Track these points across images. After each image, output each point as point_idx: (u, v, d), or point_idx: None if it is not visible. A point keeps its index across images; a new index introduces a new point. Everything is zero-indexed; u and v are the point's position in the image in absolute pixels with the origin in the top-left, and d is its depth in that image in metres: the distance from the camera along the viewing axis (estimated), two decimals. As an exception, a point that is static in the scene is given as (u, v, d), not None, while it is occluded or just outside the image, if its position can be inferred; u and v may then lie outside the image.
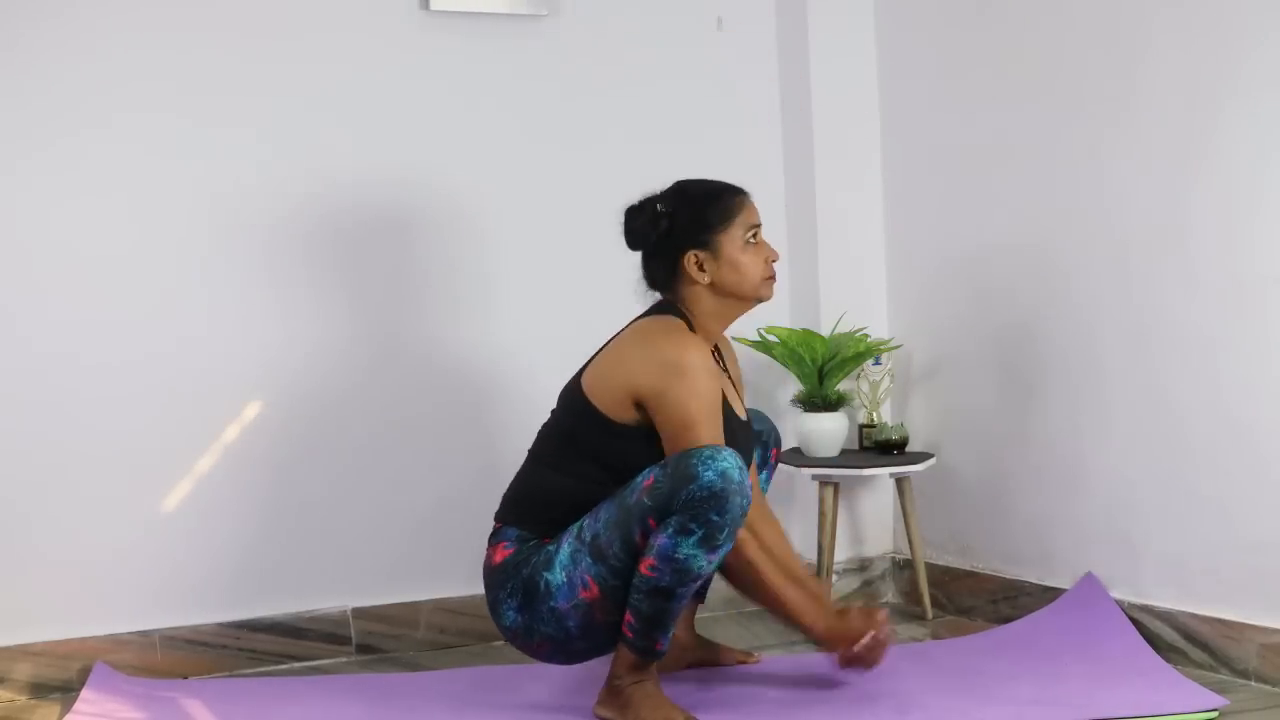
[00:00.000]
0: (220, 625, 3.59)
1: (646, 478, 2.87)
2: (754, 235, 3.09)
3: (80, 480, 3.49)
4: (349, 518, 3.74)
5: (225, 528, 3.62)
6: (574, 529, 2.96)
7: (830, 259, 4.12)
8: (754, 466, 3.33)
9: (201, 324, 3.61)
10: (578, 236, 3.93)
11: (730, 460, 2.82)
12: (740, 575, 3.03)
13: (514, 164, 3.89)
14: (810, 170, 4.12)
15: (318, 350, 3.71)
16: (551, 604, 2.94)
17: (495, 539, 3.08)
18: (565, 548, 2.95)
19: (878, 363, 4.02)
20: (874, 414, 4.03)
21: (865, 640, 3.06)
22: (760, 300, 3.13)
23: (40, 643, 3.43)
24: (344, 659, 3.69)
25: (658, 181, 3.17)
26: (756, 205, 3.13)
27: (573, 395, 3.07)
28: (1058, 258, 3.65)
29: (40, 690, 3.43)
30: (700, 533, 2.80)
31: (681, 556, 2.81)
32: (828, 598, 3.17)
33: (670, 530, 2.81)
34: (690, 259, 3.07)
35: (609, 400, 3.00)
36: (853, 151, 4.15)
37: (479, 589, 3.64)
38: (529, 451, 3.15)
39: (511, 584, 2.99)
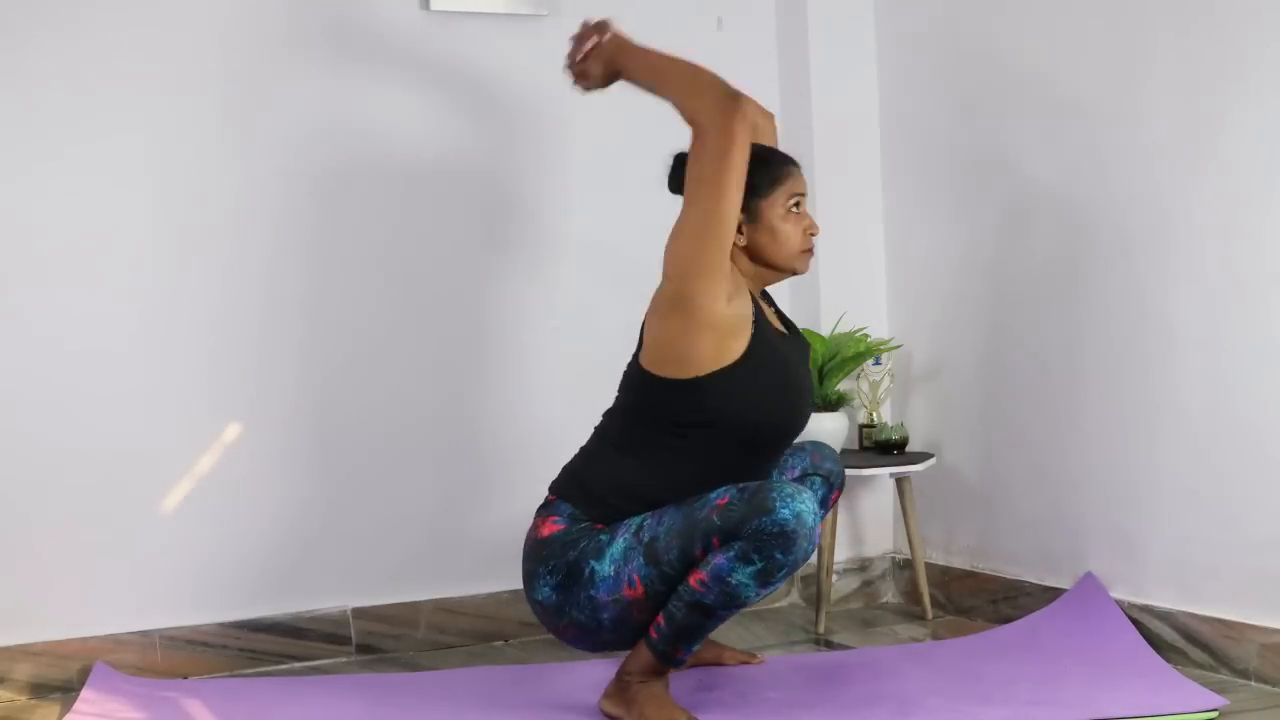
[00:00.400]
0: (220, 625, 3.59)
1: (721, 496, 2.85)
2: (797, 204, 3.07)
3: (80, 480, 3.49)
4: (349, 518, 3.73)
5: (225, 528, 3.62)
6: (632, 524, 2.94)
7: (830, 259, 4.11)
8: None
9: (202, 324, 3.60)
10: (578, 236, 3.93)
11: (808, 505, 2.79)
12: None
13: (514, 163, 3.89)
14: (810, 170, 4.09)
15: (318, 350, 3.71)
16: (591, 592, 2.92)
17: (546, 511, 3.05)
18: (620, 542, 2.92)
19: (878, 363, 4.02)
20: (874, 414, 4.03)
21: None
22: (795, 272, 3.11)
23: (40, 643, 3.43)
24: (344, 659, 3.69)
25: (657, 180, 3.17)
26: (805, 176, 3.12)
27: (632, 374, 3.07)
28: (1058, 257, 3.65)
29: (40, 690, 3.43)
30: (760, 565, 2.79)
31: (734, 582, 2.80)
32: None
33: (732, 554, 2.79)
34: None
35: (664, 362, 2.98)
36: (853, 151, 4.15)
37: (479, 589, 3.66)
38: (595, 429, 3.13)
39: (554, 562, 2.96)
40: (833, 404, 3.90)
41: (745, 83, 4.11)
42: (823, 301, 4.09)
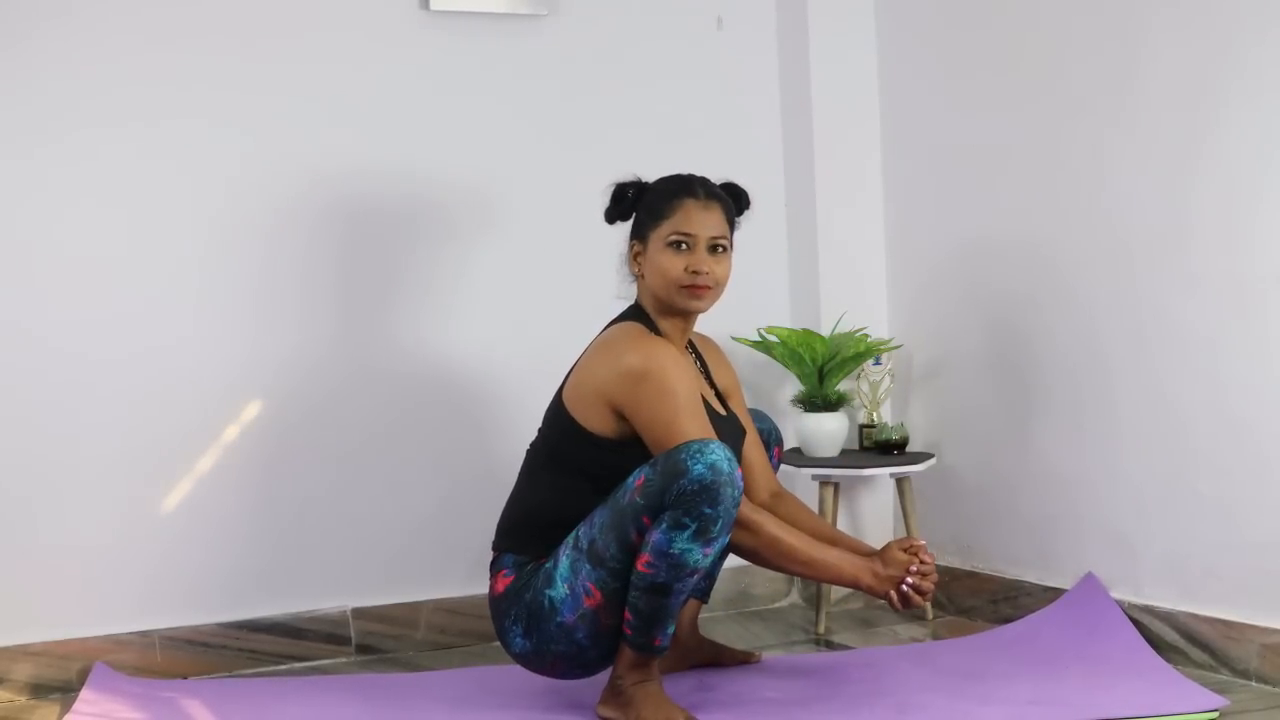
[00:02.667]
0: (220, 625, 3.59)
1: (637, 477, 2.87)
2: (682, 242, 3.02)
3: (80, 480, 3.49)
4: (349, 518, 3.74)
5: (225, 528, 3.62)
6: (569, 540, 2.96)
7: (830, 259, 4.12)
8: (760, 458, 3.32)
9: (201, 324, 3.61)
10: (577, 237, 3.92)
11: (719, 452, 2.81)
12: (768, 554, 3.01)
13: (514, 164, 3.89)
14: (810, 170, 4.12)
15: (317, 350, 3.71)
16: (558, 620, 2.94)
17: (495, 568, 3.08)
18: (564, 560, 2.94)
19: (878, 363, 4.01)
20: (874, 414, 4.03)
21: (912, 570, 3.01)
22: (678, 307, 3.05)
23: (40, 643, 3.43)
24: (344, 659, 3.69)
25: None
26: (711, 218, 3.04)
27: (556, 411, 3.07)
28: (1058, 258, 3.65)
29: (40, 690, 3.43)
30: (694, 526, 2.80)
31: (676, 551, 2.81)
32: (864, 545, 3.15)
33: (664, 526, 2.80)
34: (633, 247, 3.11)
35: (588, 414, 3.00)
36: (853, 151, 4.15)
37: (479, 589, 3.64)
38: (519, 474, 3.14)
39: (515, 610, 2.99)
40: (833, 404, 3.90)
41: (745, 83, 4.16)
42: (823, 301, 4.09)
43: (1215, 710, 2.95)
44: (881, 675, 3.25)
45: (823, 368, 3.89)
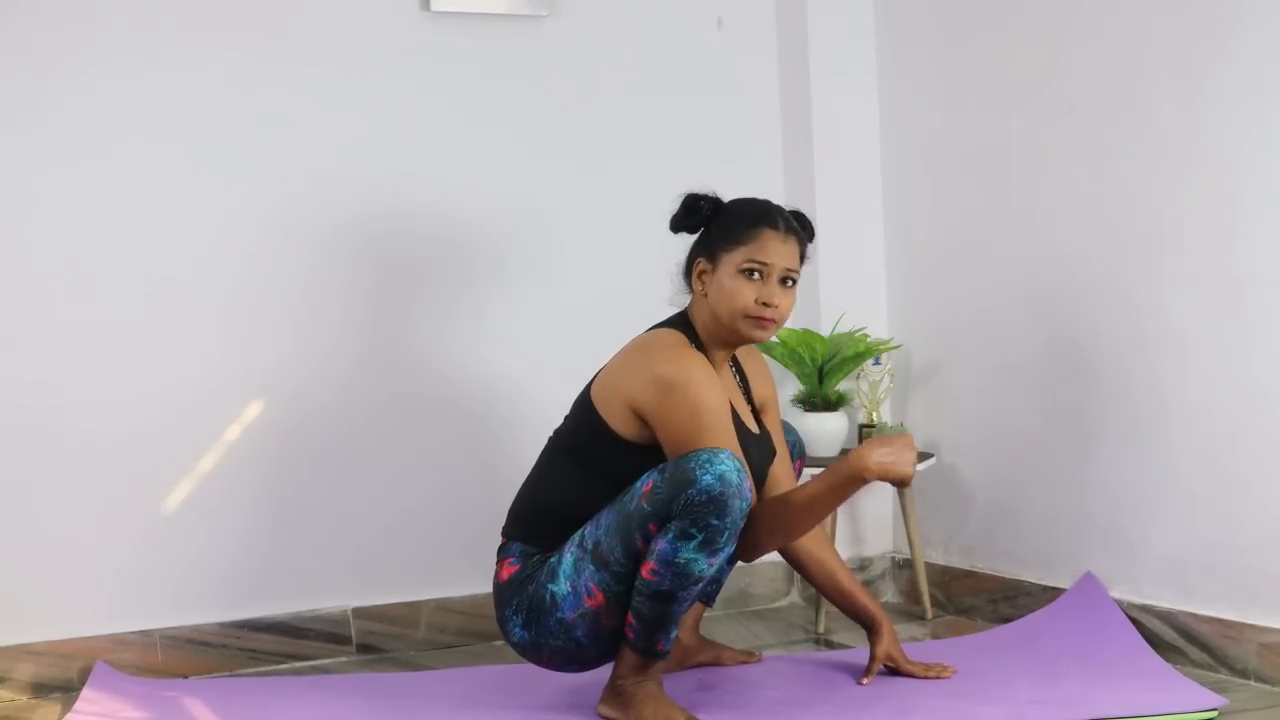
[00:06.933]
0: (221, 625, 3.60)
1: (645, 483, 2.86)
2: (755, 271, 2.99)
3: (81, 480, 3.50)
4: (349, 518, 3.74)
5: (226, 528, 3.63)
6: (575, 538, 2.95)
7: (830, 259, 4.12)
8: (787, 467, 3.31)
9: (203, 324, 3.61)
10: (578, 236, 3.93)
11: (728, 463, 2.79)
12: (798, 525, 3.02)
13: (514, 164, 3.89)
14: (810, 170, 4.12)
15: (318, 351, 3.71)
16: (559, 615, 2.94)
17: (502, 554, 3.07)
18: (568, 557, 2.94)
19: (877, 363, 4.02)
20: (874, 414, 4.03)
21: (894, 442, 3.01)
22: (740, 334, 3.02)
23: (41, 642, 3.44)
24: (344, 659, 3.69)
25: (656, 181, 3.17)
26: (788, 250, 3.01)
27: (583, 405, 3.06)
28: (1057, 258, 3.65)
29: (41, 690, 3.43)
30: (700, 537, 2.79)
31: (682, 561, 2.81)
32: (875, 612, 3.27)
33: (671, 535, 2.80)
34: (698, 265, 3.06)
35: (613, 414, 2.98)
36: (853, 151, 4.15)
37: (480, 589, 3.66)
38: (537, 461, 3.13)
39: (517, 601, 2.99)
40: (833, 404, 3.91)
41: (745, 83, 4.16)
42: (823, 301, 4.10)
43: (1214, 709, 2.95)
44: (881, 675, 3.25)
45: (822, 368, 3.89)
